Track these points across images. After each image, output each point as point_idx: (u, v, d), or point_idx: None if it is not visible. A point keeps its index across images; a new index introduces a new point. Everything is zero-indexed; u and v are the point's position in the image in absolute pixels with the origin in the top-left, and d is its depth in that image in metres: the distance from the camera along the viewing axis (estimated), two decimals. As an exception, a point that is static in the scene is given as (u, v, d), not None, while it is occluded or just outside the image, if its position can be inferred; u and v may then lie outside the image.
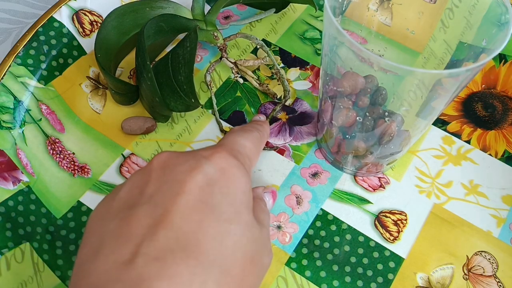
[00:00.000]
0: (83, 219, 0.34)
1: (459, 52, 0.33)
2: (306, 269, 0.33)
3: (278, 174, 0.37)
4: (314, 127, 0.39)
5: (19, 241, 0.33)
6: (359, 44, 0.24)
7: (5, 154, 0.35)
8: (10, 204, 0.34)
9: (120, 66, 0.41)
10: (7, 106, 0.36)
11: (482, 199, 0.36)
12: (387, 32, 0.36)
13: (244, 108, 0.40)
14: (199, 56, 0.43)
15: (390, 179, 0.37)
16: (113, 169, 0.37)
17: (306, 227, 0.35)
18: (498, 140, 0.39)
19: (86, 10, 0.41)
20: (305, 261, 0.33)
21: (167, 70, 0.36)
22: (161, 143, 0.38)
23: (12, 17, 0.47)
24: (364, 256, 0.34)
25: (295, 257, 0.34)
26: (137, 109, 0.39)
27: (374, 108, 0.32)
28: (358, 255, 0.34)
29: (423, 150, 0.38)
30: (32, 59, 0.38)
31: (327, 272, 0.33)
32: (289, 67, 0.42)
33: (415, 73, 0.25)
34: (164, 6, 0.40)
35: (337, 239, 0.34)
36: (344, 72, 0.30)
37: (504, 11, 0.27)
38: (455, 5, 0.33)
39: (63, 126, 0.38)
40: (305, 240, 0.34)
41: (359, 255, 0.34)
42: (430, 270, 0.33)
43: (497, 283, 0.33)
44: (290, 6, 0.46)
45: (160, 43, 0.41)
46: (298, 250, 0.34)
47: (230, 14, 0.46)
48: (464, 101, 0.41)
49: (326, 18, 0.26)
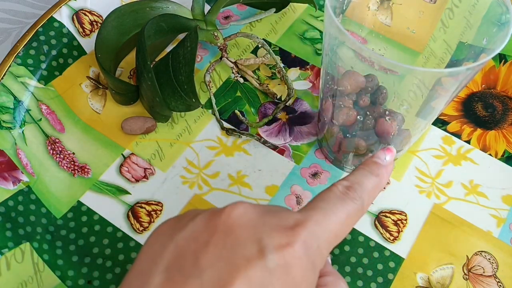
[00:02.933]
0: (83, 219, 0.34)
1: (459, 52, 0.33)
2: (306, 269, 0.33)
3: (278, 174, 0.37)
4: (314, 127, 0.39)
5: (19, 241, 0.33)
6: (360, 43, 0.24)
7: (5, 154, 0.35)
8: (10, 204, 0.34)
9: (120, 66, 0.41)
10: (7, 106, 0.36)
11: (482, 199, 0.36)
12: (387, 32, 0.36)
13: (244, 108, 0.40)
14: (199, 56, 0.43)
15: (390, 179, 0.37)
16: (113, 169, 0.37)
17: (306, 227, 0.35)
18: (498, 140, 0.39)
19: (86, 10, 0.41)
20: (305, 261, 0.33)
21: (167, 70, 0.36)
22: (161, 143, 0.38)
23: (12, 17, 0.47)
24: (364, 256, 0.34)
25: (295, 257, 0.33)
26: (137, 109, 0.39)
27: (374, 107, 0.32)
28: (358, 255, 0.34)
29: (423, 150, 0.38)
30: (32, 59, 0.38)
31: (327, 272, 0.33)
32: (289, 67, 0.42)
33: (415, 72, 0.25)
34: (164, 6, 0.40)
35: (337, 239, 0.34)
36: (344, 71, 0.30)
37: (504, 11, 0.27)
38: (455, 5, 0.33)
39: (63, 126, 0.38)
40: (305, 240, 0.34)
41: (359, 255, 0.34)
42: (430, 270, 0.33)
43: (497, 283, 0.33)
44: (290, 6, 0.46)
45: (160, 43, 0.41)
46: (298, 250, 0.34)
47: (230, 14, 0.46)
48: (464, 101, 0.41)
49: (327, 17, 0.26)
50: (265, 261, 0.21)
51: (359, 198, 0.25)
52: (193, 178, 0.36)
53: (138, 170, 0.37)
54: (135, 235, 0.34)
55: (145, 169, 0.37)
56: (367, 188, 0.26)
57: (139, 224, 0.34)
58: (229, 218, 0.23)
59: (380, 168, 0.27)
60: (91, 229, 0.34)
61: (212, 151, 0.38)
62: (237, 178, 0.36)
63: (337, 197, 0.25)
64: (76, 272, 0.33)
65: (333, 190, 0.25)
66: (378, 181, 0.26)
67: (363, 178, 0.26)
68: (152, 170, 0.37)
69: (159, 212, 0.35)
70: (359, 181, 0.26)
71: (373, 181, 0.26)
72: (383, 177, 0.27)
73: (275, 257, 0.21)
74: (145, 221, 0.34)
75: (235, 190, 0.36)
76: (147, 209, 0.35)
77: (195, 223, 0.23)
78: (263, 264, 0.21)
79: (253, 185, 0.36)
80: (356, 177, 0.26)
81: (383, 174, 0.27)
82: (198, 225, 0.23)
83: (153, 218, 0.35)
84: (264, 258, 0.21)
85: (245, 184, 0.36)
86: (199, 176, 0.36)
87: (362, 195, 0.25)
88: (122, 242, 0.34)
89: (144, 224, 0.34)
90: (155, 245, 0.23)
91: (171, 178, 0.36)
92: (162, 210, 0.35)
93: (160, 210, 0.35)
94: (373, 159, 0.27)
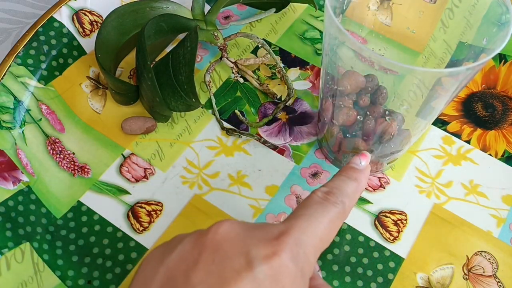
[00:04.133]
0: (83, 219, 0.34)
1: (459, 52, 0.33)
2: (306, 269, 0.33)
3: (278, 174, 0.37)
4: (314, 127, 0.39)
5: (19, 241, 0.33)
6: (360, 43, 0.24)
7: (5, 154, 0.35)
8: (10, 204, 0.34)
9: (120, 66, 0.41)
10: (7, 106, 0.36)
11: (482, 199, 0.36)
12: (387, 32, 0.36)
13: (244, 108, 0.40)
14: (199, 56, 0.43)
15: (390, 179, 0.37)
16: (113, 169, 0.37)
17: (306, 227, 0.35)
18: (498, 140, 0.39)
19: (86, 10, 0.41)
20: (305, 261, 0.33)
21: (167, 70, 0.36)
22: (161, 143, 0.38)
23: (12, 17, 0.47)
24: (364, 256, 0.34)
25: (295, 257, 0.33)
26: (137, 109, 0.39)
27: (374, 107, 0.32)
28: (358, 255, 0.34)
29: (423, 150, 0.38)
30: (32, 59, 0.38)
31: (327, 272, 0.33)
32: (289, 67, 0.42)
33: (415, 72, 0.25)
34: (164, 6, 0.40)
35: (337, 239, 0.34)
36: (344, 72, 0.30)
37: (504, 11, 0.27)
38: (455, 5, 0.33)
39: (63, 126, 0.38)
40: (305, 240, 0.34)
41: (359, 255, 0.34)
42: (430, 270, 0.33)
43: (497, 283, 0.33)
44: (290, 6, 0.46)
45: (160, 43, 0.41)
46: (298, 250, 0.34)
47: (230, 14, 0.46)
48: (464, 101, 0.41)
49: (327, 17, 0.26)
50: (254, 273, 0.21)
51: (340, 202, 0.25)
52: (193, 178, 0.36)
53: (138, 170, 0.37)
54: (135, 235, 0.34)
55: (145, 169, 0.37)
56: (347, 192, 0.26)
57: (139, 224, 0.34)
58: (216, 235, 0.23)
59: (356, 173, 0.28)
60: (91, 229, 0.34)
61: (212, 151, 0.38)
62: (237, 178, 0.36)
63: (318, 202, 0.25)
64: (76, 272, 0.33)
65: (313, 197, 0.26)
66: (357, 185, 0.27)
67: (341, 183, 0.27)
68: (152, 170, 0.37)
69: (159, 212, 0.35)
70: (337, 186, 0.26)
71: (352, 185, 0.27)
72: (361, 181, 0.28)
73: (263, 268, 0.22)
74: (145, 221, 0.34)
75: (235, 190, 0.36)
76: (147, 209, 0.35)
77: (183, 245, 0.24)
78: (252, 276, 0.21)
79: (253, 185, 0.36)
80: (334, 183, 0.27)
81: (361, 178, 0.28)
82: (186, 246, 0.23)
83: (153, 218, 0.35)
84: (252, 269, 0.22)
85: (245, 184, 0.36)
86: (199, 176, 0.36)
87: (342, 199, 0.26)
88: (122, 242, 0.34)
89: (144, 224, 0.34)
90: (147, 270, 0.24)
91: (171, 178, 0.36)
92: (162, 210, 0.35)
93: (160, 210, 0.35)
94: (349, 165, 0.29)
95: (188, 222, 0.34)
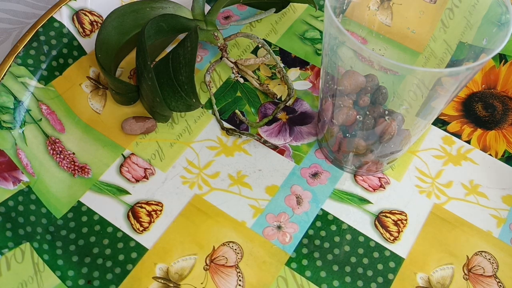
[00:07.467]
0: (83, 219, 0.34)
1: (459, 52, 0.33)
2: (306, 269, 0.33)
3: (278, 174, 0.37)
4: (314, 127, 0.39)
5: (19, 241, 0.33)
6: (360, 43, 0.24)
7: (5, 154, 0.35)
8: (10, 204, 0.34)
9: (120, 66, 0.41)
10: (7, 106, 0.36)
11: (482, 199, 0.36)
12: (387, 32, 0.36)
13: (244, 108, 0.40)
14: (199, 56, 0.43)
15: (390, 179, 0.37)
16: (113, 169, 0.37)
17: (306, 227, 0.35)
18: (498, 140, 0.39)
19: (86, 10, 0.41)
20: (305, 261, 0.33)
21: (167, 70, 0.36)
22: (161, 143, 0.38)
23: (12, 17, 0.47)
24: (364, 256, 0.34)
25: (295, 257, 0.33)
26: (137, 109, 0.40)
27: (374, 107, 0.32)
28: (358, 255, 0.34)
29: (423, 150, 0.38)
30: (32, 59, 0.38)
31: (327, 272, 0.33)
32: (289, 67, 0.42)
33: (415, 72, 0.25)
34: (164, 6, 0.40)
35: (337, 239, 0.34)
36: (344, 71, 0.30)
37: (504, 11, 0.27)
38: (455, 5, 0.33)
39: (63, 126, 0.38)
40: (305, 240, 0.34)
41: (359, 255, 0.34)
42: (430, 270, 0.33)
43: (497, 283, 0.33)
44: (290, 6, 0.46)
45: (161, 43, 0.41)
46: (298, 250, 0.34)
47: (230, 14, 0.46)
48: (464, 101, 0.41)
49: (327, 17, 0.27)
50: None
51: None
52: (193, 178, 0.36)
53: (138, 170, 0.37)
54: (135, 235, 0.34)
55: (145, 169, 0.37)
56: None
57: (139, 224, 0.34)
58: None
59: None
60: (91, 229, 0.34)
61: (212, 151, 0.38)
62: (237, 178, 0.36)
63: None
64: (76, 272, 0.33)
65: None
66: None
67: None
68: (152, 170, 0.37)
69: (159, 212, 0.35)
70: None
71: None
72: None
73: None
74: (145, 221, 0.34)
75: (235, 190, 0.36)
76: (147, 209, 0.35)
77: None
78: None
79: (253, 185, 0.36)
80: None
81: None
82: None
83: (153, 218, 0.35)
84: None
85: (245, 184, 0.36)
86: (199, 176, 0.37)
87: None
88: (122, 242, 0.34)
89: (144, 224, 0.34)
90: None
91: (171, 178, 0.36)
92: (162, 210, 0.35)
93: (160, 210, 0.35)
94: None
95: (188, 222, 0.35)
